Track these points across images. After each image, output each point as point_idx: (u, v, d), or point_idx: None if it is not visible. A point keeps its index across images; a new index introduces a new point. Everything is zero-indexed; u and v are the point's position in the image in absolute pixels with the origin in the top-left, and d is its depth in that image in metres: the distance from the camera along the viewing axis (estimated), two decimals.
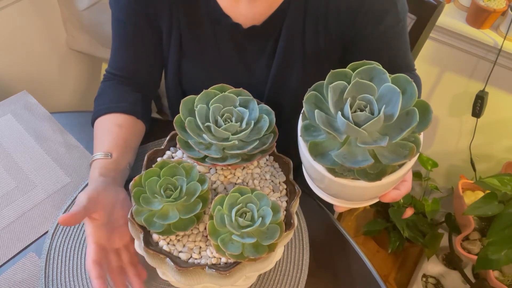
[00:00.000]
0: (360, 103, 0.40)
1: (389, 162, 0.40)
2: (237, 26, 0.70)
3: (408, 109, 0.39)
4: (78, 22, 1.30)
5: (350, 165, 0.40)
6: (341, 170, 0.43)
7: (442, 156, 1.48)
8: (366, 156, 0.40)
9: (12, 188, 0.74)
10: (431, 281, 1.48)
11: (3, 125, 0.83)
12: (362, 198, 0.49)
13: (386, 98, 0.40)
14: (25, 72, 1.30)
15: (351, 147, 0.41)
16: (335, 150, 0.42)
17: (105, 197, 0.60)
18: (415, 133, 0.41)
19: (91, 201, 0.57)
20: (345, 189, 0.45)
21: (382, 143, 0.38)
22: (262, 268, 0.53)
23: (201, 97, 0.57)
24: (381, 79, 0.41)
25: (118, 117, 0.73)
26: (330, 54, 0.72)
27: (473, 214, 1.09)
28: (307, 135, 0.44)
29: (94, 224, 0.58)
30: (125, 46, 0.76)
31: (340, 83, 0.41)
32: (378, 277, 0.67)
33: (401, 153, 0.40)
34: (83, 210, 0.55)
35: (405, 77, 0.40)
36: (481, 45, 1.17)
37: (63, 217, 0.53)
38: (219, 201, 0.51)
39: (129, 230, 0.61)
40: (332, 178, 0.43)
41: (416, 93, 0.40)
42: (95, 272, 0.54)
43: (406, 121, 0.39)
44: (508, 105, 1.28)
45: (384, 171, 0.42)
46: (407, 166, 0.43)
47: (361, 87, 0.41)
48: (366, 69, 0.42)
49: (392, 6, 0.66)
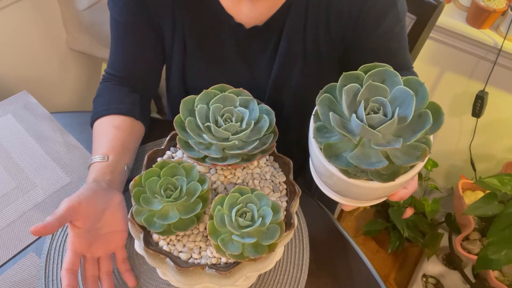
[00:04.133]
0: (374, 105, 0.41)
1: (402, 163, 0.41)
2: (239, 26, 0.70)
3: (421, 111, 0.40)
4: (78, 22, 1.31)
5: (365, 167, 0.40)
6: (354, 171, 0.43)
7: (442, 156, 1.48)
8: (380, 158, 0.41)
9: (12, 188, 0.74)
10: (431, 281, 1.48)
11: (3, 125, 0.83)
12: (371, 197, 0.50)
13: (399, 100, 0.40)
14: (25, 72, 1.30)
15: (365, 149, 0.42)
16: (349, 151, 0.42)
17: (90, 205, 0.58)
18: (427, 134, 0.42)
19: (69, 210, 0.55)
20: (357, 189, 0.45)
21: (396, 145, 0.39)
22: (262, 268, 0.53)
23: (201, 97, 0.57)
24: (393, 81, 0.41)
25: (116, 118, 0.73)
26: (330, 53, 0.72)
27: (473, 214, 1.09)
28: (319, 137, 0.44)
29: (75, 231, 0.57)
30: (123, 47, 0.76)
31: (353, 85, 0.42)
32: (378, 277, 0.67)
33: (414, 154, 0.41)
34: (56, 220, 0.54)
35: (417, 79, 0.41)
36: (481, 45, 1.17)
37: (34, 228, 0.52)
38: (219, 201, 0.51)
39: (117, 237, 0.61)
40: (346, 180, 0.43)
41: (427, 95, 0.40)
42: (67, 281, 0.54)
43: (419, 123, 0.40)
44: (508, 105, 1.28)
45: (397, 172, 0.42)
46: (419, 167, 0.43)
47: (374, 90, 0.41)
48: (378, 71, 0.42)
49: (393, 6, 0.66)
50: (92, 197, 0.59)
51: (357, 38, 0.69)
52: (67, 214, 0.55)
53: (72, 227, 0.57)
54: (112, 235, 0.61)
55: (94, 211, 0.59)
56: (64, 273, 0.55)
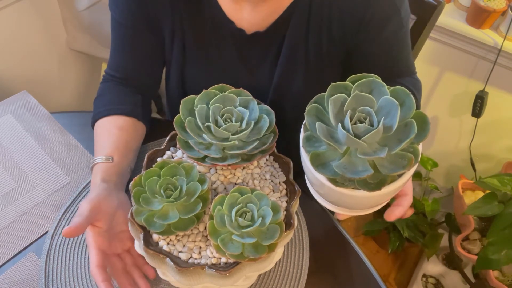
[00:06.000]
0: (360, 115, 0.41)
1: (389, 172, 0.41)
2: (240, 32, 0.70)
3: (407, 120, 0.41)
4: (78, 22, 1.31)
5: (351, 176, 0.41)
6: (342, 180, 0.44)
7: (442, 156, 1.48)
8: (366, 167, 0.41)
9: (12, 188, 0.74)
10: (431, 281, 1.49)
11: (3, 125, 0.83)
12: (362, 206, 0.50)
13: (385, 110, 0.41)
14: (25, 72, 1.30)
15: (352, 158, 0.43)
16: (336, 160, 0.43)
17: (107, 205, 0.60)
18: (414, 143, 0.42)
19: (93, 211, 0.57)
20: (345, 198, 0.46)
21: (382, 154, 0.39)
22: (262, 268, 0.53)
23: (201, 97, 0.57)
24: (380, 92, 0.42)
25: (119, 119, 0.73)
26: (332, 59, 0.72)
27: (473, 214, 1.09)
28: (308, 146, 0.45)
29: (95, 231, 0.58)
30: (124, 48, 0.75)
31: (340, 95, 0.42)
32: (378, 277, 0.67)
33: (400, 163, 0.42)
34: (85, 220, 0.55)
35: (403, 89, 0.41)
36: (481, 45, 1.17)
37: (67, 230, 0.53)
38: (219, 201, 0.51)
39: (129, 235, 0.61)
40: (333, 188, 0.44)
41: (414, 105, 0.41)
42: (100, 276, 0.54)
43: (405, 133, 0.40)
44: (508, 105, 1.28)
45: (384, 181, 0.43)
46: (406, 176, 0.44)
47: (360, 100, 0.42)
48: (366, 81, 0.43)
49: (396, 12, 0.65)
50: (108, 198, 0.60)
51: (360, 43, 0.69)
52: (92, 214, 0.57)
53: (92, 227, 0.58)
54: (124, 234, 0.62)
55: (110, 211, 0.60)
56: (96, 269, 0.55)
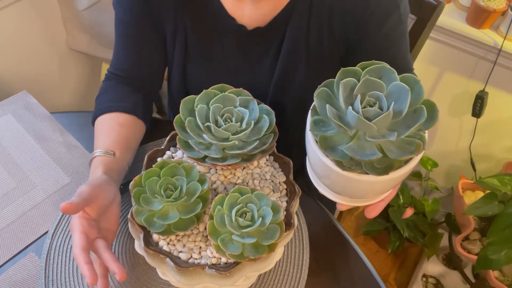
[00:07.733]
0: (370, 99, 0.41)
1: (396, 156, 0.41)
2: (241, 28, 0.70)
3: (416, 106, 0.41)
4: (78, 22, 1.30)
5: (359, 158, 0.41)
6: (348, 164, 0.44)
7: (442, 156, 1.48)
8: (374, 150, 0.42)
9: (12, 188, 0.74)
10: (431, 281, 1.49)
11: (3, 125, 0.83)
12: (366, 194, 0.50)
13: (395, 96, 0.41)
14: (25, 72, 1.30)
15: (360, 141, 0.43)
16: (344, 144, 0.43)
17: (104, 195, 0.58)
18: (421, 130, 0.43)
19: (91, 195, 0.55)
20: (351, 184, 0.46)
21: (391, 137, 0.39)
22: (262, 268, 0.53)
23: (201, 97, 0.57)
24: (390, 78, 0.42)
25: (120, 116, 0.73)
26: (333, 54, 0.72)
27: (473, 214, 1.09)
28: (316, 130, 0.45)
29: (84, 216, 0.56)
30: (127, 47, 0.76)
31: (350, 80, 0.43)
32: (378, 277, 0.67)
33: (408, 149, 0.42)
34: (82, 202, 0.54)
35: (413, 76, 0.42)
36: (481, 45, 1.17)
37: (66, 204, 0.51)
38: (219, 201, 0.51)
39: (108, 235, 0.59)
40: (340, 172, 0.44)
41: (423, 92, 0.41)
42: (84, 259, 0.52)
43: (414, 118, 0.40)
44: (508, 105, 1.28)
45: (391, 165, 0.43)
46: (413, 163, 0.44)
47: (370, 84, 0.42)
48: (376, 68, 0.43)
49: (396, 8, 0.66)
50: (106, 188, 0.59)
51: (360, 39, 0.69)
52: (89, 198, 0.55)
53: (81, 211, 0.56)
54: (107, 231, 0.59)
55: (104, 203, 0.58)
56: (79, 251, 0.52)
